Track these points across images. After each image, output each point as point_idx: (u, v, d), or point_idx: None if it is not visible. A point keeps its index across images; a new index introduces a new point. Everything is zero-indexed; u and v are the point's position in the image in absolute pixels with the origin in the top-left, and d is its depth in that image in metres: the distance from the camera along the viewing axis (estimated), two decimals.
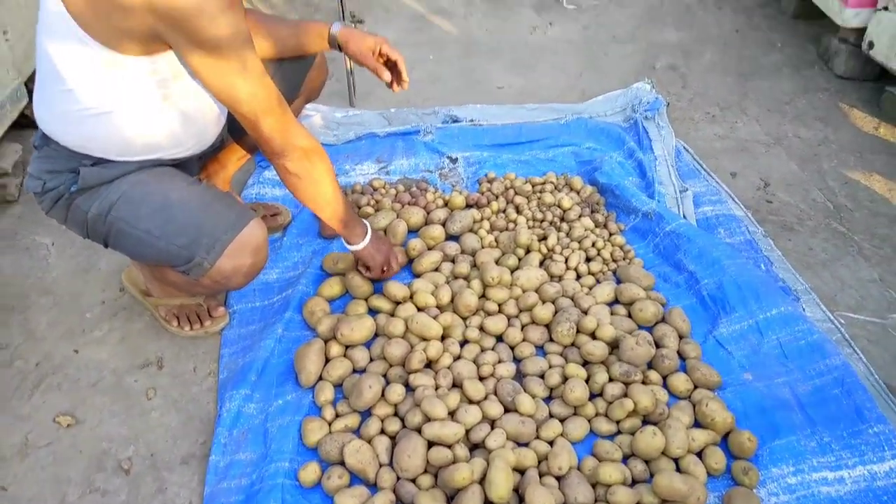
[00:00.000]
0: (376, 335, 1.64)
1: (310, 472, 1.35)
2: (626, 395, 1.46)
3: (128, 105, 1.33)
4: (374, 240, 1.68)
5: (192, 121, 1.43)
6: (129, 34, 1.22)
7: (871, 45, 2.49)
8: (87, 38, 1.22)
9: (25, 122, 2.29)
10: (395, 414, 1.48)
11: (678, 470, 1.36)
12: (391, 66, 1.73)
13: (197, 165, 1.66)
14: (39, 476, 1.39)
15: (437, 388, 1.49)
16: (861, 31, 2.58)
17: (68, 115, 1.34)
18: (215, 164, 1.84)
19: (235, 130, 1.64)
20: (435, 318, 1.62)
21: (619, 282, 1.80)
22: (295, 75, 1.77)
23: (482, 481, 1.30)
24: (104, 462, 1.42)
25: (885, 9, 2.41)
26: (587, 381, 1.51)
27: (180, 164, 1.51)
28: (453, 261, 1.84)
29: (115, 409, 1.52)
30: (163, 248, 1.40)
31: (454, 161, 2.26)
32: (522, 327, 1.67)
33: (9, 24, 2.12)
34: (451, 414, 1.43)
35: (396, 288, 1.67)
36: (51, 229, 1.99)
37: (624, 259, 1.87)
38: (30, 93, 2.26)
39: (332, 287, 1.76)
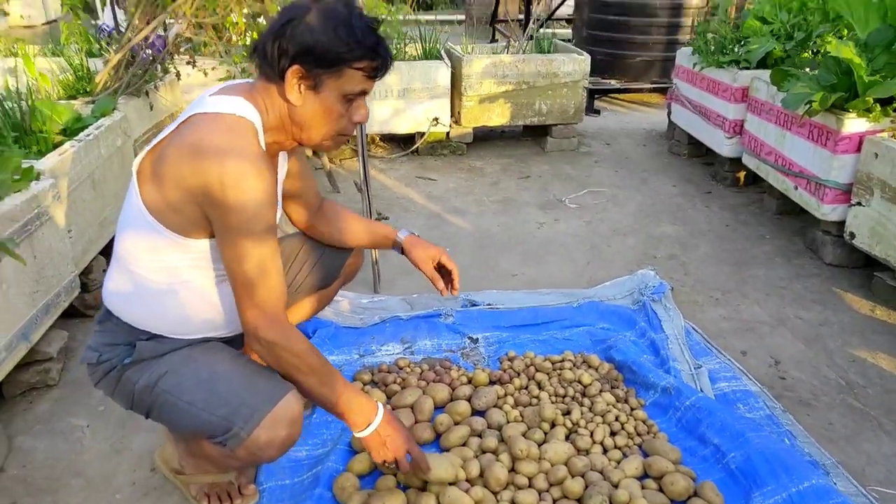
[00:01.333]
0: None
1: None
2: None
3: (189, 284, 1.48)
4: (386, 425, 1.51)
5: None
6: (195, 222, 1.41)
7: (852, 235, 2.73)
8: (161, 227, 1.41)
9: (73, 312, 2.46)
10: None
11: None
12: (445, 274, 1.92)
13: (242, 340, 1.78)
14: None
15: None
16: (842, 224, 2.84)
17: (134, 293, 1.48)
18: None
19: None
20: (466, 492, 1.62)
21: (645, 455, 1.81)
22: (335, 261, 1.96)
23: None
24: None
25: (859, 203, 2.69)
26: None
27: (228, 340, 1.62)
28: (480, 436, 1.87)
29: None
30: (205, 419, 1.45)
31: (475, 341, 2.37)
32: (554, 502, 1.65)
33: (74, 223, 2.37)
34: None
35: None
36: (88, 410, 2.05)
37: (648, 433, 1.90)
38: (83, 284, 2.46)
39: (362, 462, 1.77)
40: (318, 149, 1.90)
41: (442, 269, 1.91)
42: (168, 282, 1.47)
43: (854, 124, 2.74)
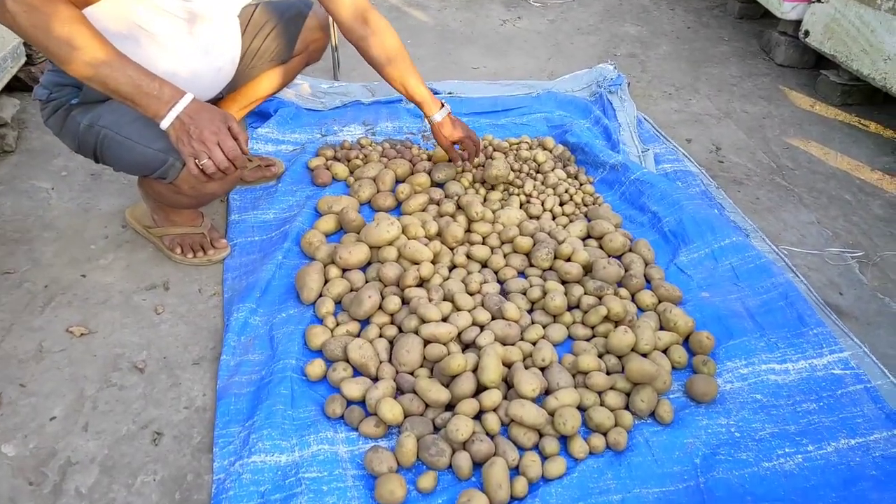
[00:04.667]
0: (370, 263, 1.78)
1: (316, 366, 1.47)
2: (600, 304, 1.63)
3: (151, 33, 1.45)
4: (194, 110, 1.35)
5: (211, 64, 1.55)
6: None
7: (806, 33, 2.78)
8: None
9: (22, 86, 2.38)
10: (392, 322, 1.61)
11: None
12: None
13: None
14: (56, 375, 1.47)
15: (430, 301, 1.63)
16: (798, 24, 2.87)
17: None
18: None
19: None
20: (425, 245, 1.76)
21: (590, 221, 1.98)
22: (293, 27, 1.91)
23: (475, 371, 1.44)
24: (119, 363, 1.50)
25: (819, 0, 2.71)
26: (565, 295, 1.67)
27: None
28: (439, 203, 1.99)
29: (125, 322, 1.61)
30: (141, 152, 1.49)
31: None
32: (505, 255, 1.83)
33: None
34: (444, 319, 1.57)
35: (385, 230, 1.76)
36: (50, 174, 2.07)
37: (594, 203, 2.06)
38: (28, 55, 2.35)
39: (328, 223, 1.89)
40: None
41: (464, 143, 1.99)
42: (124, 28, 1.44)
43: None
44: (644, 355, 1.54)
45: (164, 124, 1.35)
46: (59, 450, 1.32)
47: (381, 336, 1.57)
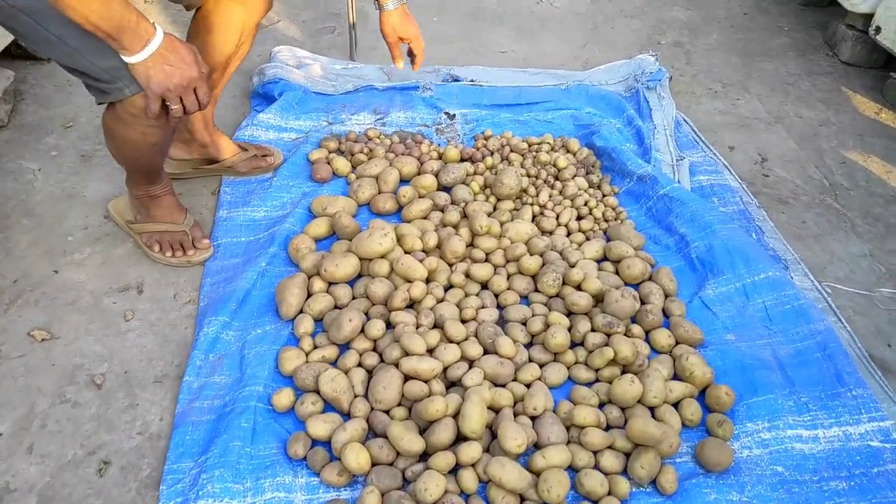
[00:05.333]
0: (360, 275, 1.63)
1: (283, 396, 1.34)
2: (607, 345, 1.45)
3: None
4: (170, 47, 1.25)
5: None
6: None
7: (877, 29, 2.47)
8: None
9: (19, 53, 2.27)
10: (374, 349, 1.46)
11: (653, 419, 1.35)
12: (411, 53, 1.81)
13: None
14: (10, 385, 1.37)
15: (418, 326, 1.48)
16: (869, 18, 2.55)
17: None
18: None
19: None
20: (421, 261, 1.60)
21: (609, 241, 1.79)
22: None
23: (457, 416, 1.28)
24: (77, 376, 1.40)
25: None
26: (569, 330, 1.50)
27: None
28: (443, 210, 1.82)
29: (91, 328, 1.50)
30: (85, 66, 1.28)
31: (451, 117, 2.23)
32: (508, 276, 1.65)
33: None
34: (431, 351, 1.41)
35: (378, 241, 1.58)
36: (40, 154, 1.97)
37: (616, 219, 1.86)
38: None
39: (319, 227, 1.74)
40: None
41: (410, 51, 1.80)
42: None
43: None
44: (652, 409, 1.36)
45: (134, 60, 1.23)
46: None
47: (359, 365, 1.43)
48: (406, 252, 1.64)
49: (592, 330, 1.49)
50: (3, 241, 1.69)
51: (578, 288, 1.58)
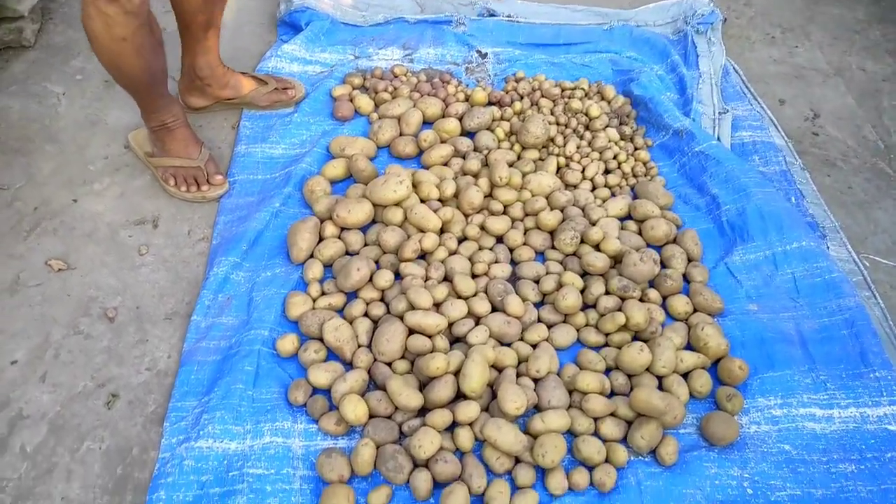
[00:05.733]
0: (374, 221, 1.60)
1: (287, 342, 1.34)
2: (620, 309, 1.40)
3: None
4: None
5: None
6: None
7: None
8: None
9: None
10: (382, 299, 1.45)
11: (660, 388, 1.32)
12: None
13: None
14: (27, 313, 1.41)
15: (427, 279, 1.46)
16: None
17: None
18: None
19: None
20: (436, 211, 1.56)
21: (635, 197, 1.71)
22: None
23: (458, 373, 1.27)
24: (90, 308, 1.43)
25: None
26: (583, 291, 1.45)
27: None
28: (464, 157, 1.76)
29: (106, 260, 1.52)
30: None
31: (483, 56, 2.13)
32: (525, 231, 1.60)
33: None
34: (438, 305, 1.39)
35: (393, 188, 1.53)
36: (65, 77, 1.96)
37: (645, 175, 1.77)
38: None
39: (336, 168, 1.70)
40: None
41: None
42: None
43: None
44: (660, 377, 1.33)
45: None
46: (12, 399, 1.27)
47: (365, 315, 1.42)
48: (422, 200, 1.60)
49: (607, 292, 1.44)
50: (26, 166, 1.71)
51: (597, 248, 1.53)
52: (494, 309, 1.42)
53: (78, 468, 1.19)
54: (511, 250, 1.57)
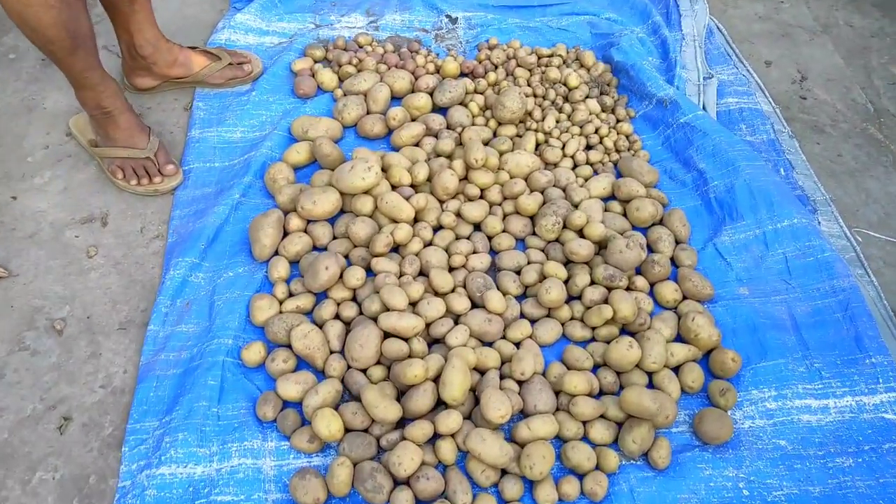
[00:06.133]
0: (343, 211, 1.49)
1: (253, 351, 1.25)
2: (606, 300, 1.33)
3: None
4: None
5: None
6: None
7: None
8: None
9: None
10: (354, 298, 1.35)
11: (651, 384, 1.26)
12: None
13: None
14: None
15: (401, 274, 1.36)
16: None
17: None
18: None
19: None
20: (408, 198, 1.45)
21: (619, 175, 1.62)
22: None
23: (437, 379, 1.19)
24: (36, 320, 1.31)
25: None
26: (567, 281, 1.37)
27: None
28: (437, 136, 1.64)
29: (51, 265, 1.40)
30: None
31: (454, 21, 1.98)
32: (504, 216, 1.51)
33: None
34: (414, 304, 1.30)
35: (360, 175, 1.40)
36: None
37: (629, 150, 1.67)
38: None
39: (300, 153, 1.58)
40: None
41: None
42: None
43: None
44: (649, 374, 1.26)
45: None
46: None
47: (337, 317, 1.32)
48: (393, 186, 1.49)
49: (592, 283, 1.36)
50: None
51: (580, 233, 1.44)
52: (474, 304, 1.34)
53: (30, 501, 1.10)
54: (490, 238, 1.48)
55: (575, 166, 1.63)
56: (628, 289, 1.38)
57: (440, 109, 1.71)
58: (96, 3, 1.54)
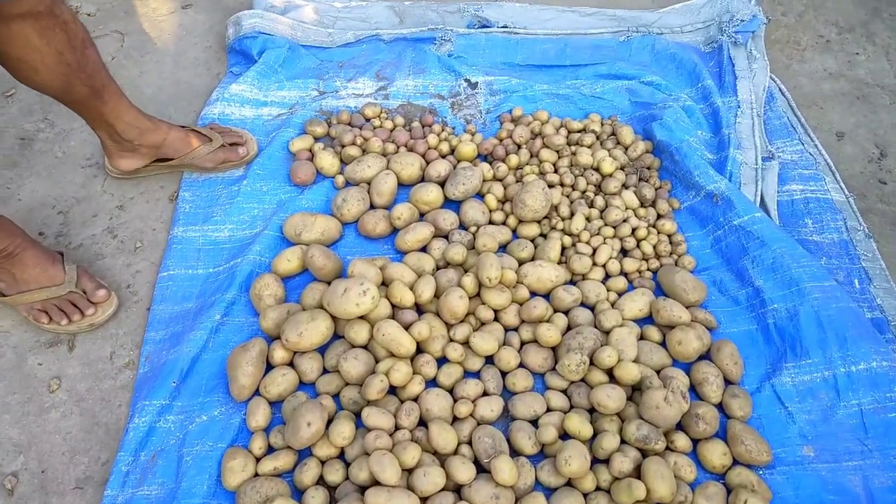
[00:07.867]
0: (337, 335, 1.30)
1: None
2: (638, 468, 1.11)
3: None
4: None
5: None
6: None
7: None
8: None
9: None
10: (341, 454, 1.17)
11: None
12: None
13: None
14: None
15: (397, 427, 1.17)
16: None
17: None
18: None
19: None
20: (410, 325, 1.25)
21: (658, 289, 1.38)
22: None
23: None
24: None
25: None
26: (593, 437, 1.16)
27: None
28: (447, 237, 1.44)
29: (9, 402, 1.25)
30: None
31: (473, 86, 1.76)
32: (522, 345, 1.30)
33: None
34: (410, 470, 1.11)
35: (355, 301, 1.20)
36: None
37: (671, 254, 1.43)
38: None
39: (290, 262, 1.39)
40: None
41: None
42: None
43: None
44: None
45: None
46: None
47: (321, 480, 1.14)
48: (393, 305, 1.29)
49: (622, 444, 1.14)
50: None
51: (609, 373, 1.22)
52: (480, 467, 1.14)
53: None
54: (503, 373, 1.27)
55: (607, 277, 1.40)
56: (667, 448, 1.16)
57: (452, 204, 1.50)
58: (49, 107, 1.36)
